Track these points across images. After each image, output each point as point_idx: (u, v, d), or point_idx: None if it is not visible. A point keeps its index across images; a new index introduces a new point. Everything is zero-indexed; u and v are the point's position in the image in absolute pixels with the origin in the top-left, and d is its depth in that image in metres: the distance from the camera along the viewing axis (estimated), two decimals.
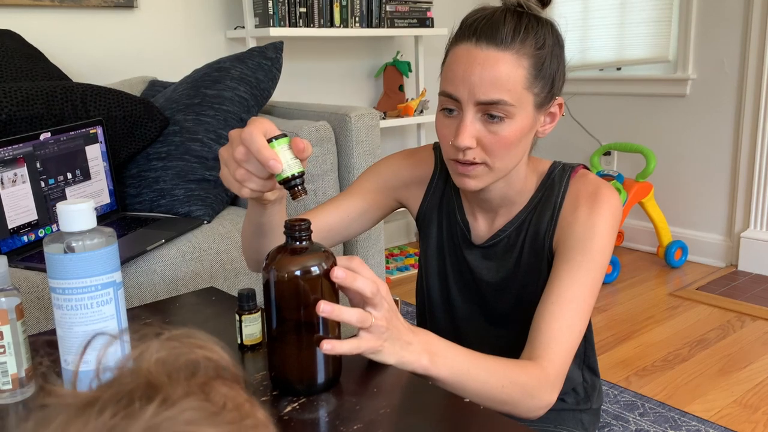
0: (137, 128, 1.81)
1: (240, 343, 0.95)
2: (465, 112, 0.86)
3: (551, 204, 0.96)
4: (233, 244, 1.68)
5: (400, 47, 3.15)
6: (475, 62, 0.84)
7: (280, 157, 0.75)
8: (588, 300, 0.89)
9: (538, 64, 0.86)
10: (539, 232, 0.96)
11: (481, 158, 0.88)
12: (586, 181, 0.95)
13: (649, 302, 2.54)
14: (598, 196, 0.92)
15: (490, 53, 0.84)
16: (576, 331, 0.88)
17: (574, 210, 0.93)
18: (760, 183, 2.74)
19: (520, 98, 0.85)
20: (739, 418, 1.75)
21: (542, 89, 0.88)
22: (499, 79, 0.83)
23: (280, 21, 2.50)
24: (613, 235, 0.92)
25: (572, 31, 3.24)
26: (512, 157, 0.90)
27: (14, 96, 1.58)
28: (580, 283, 0.88)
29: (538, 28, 0.86)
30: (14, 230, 1.49)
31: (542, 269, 0.97)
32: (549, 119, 0.93)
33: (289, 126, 1.88)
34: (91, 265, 0.73)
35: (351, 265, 0.74)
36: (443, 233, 1.06)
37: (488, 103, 0.84)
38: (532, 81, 0.86)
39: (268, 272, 0.76)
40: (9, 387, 0.82)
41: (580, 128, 3.18)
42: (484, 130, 0.86)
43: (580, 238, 0.90)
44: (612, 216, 0.91)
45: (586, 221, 0.91)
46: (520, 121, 0.86)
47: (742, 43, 2.73)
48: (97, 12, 2.29)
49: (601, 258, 0.90)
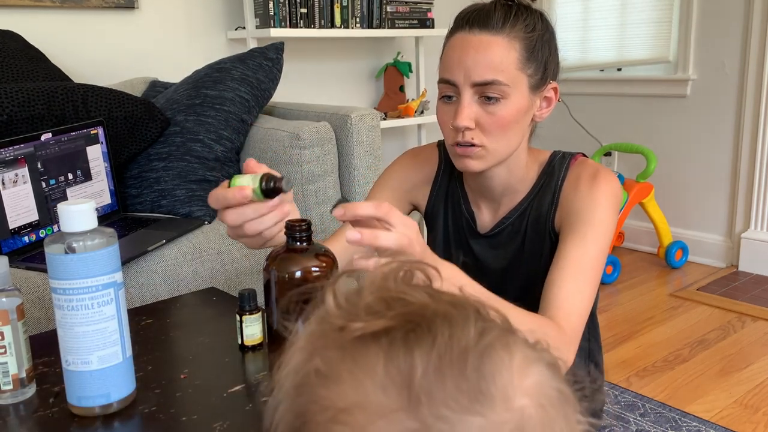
0: (138, 129, 1.81)
1: (241, 343, 0.95)
2: (462, 94, 0.90)
3: (552, 188, 0.98)
4: (234, 244, 1.68)
5: (400, 48, 3.15)
6: (469, 47, 0.89)
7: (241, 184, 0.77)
8: (595, 267, 0.90)
9: (530, 46, 0.90)
10: (541, 214, 0.98)
11: (479, 140, 0.91)
12: (586, 165, 0.98)
13: (650, 303, 2.54)
14: (598, 176, 0.94)
15: (483, 38, 0.88)
16: (586, 295, 0.88)
17: (574, 189, 0.96)
18: (760, 183, 2.74)
19: (514, 79, 0.89)
20: (740, 418, 1.75)
21: (535, 71, 0.91)
22: (493, 60, 0.88)
23: (280, 22, 2.50)
24: (614, 212, 0.94)
25: (572, 32, 3.24)
26: (510, 139, 0.92)
27: (15, 96, 1.58)
28: (586, 250, 0.90)
29: (527, 14, 0.91)
30: (15, 231, 1.49)
31: (545, 252, 0.98)
32: (545, 104, 0.97)
33: (289, 126, 1.88)
34: (92, 266, 0.74)
35: (379, 213, 0.69)
36: (449, 225, 1.09)
37: (484, 84, 0.88)
38: (525, 62, 0.90)
39: (268, 272, 0.76)
40: (10, 387, 0.82)
41: (580, 129, 3.18)
42: (481, 111, 0.90)
43: (583, 211, 0.92)
44: (612, 193, 0.93)
45: (587, 196, 0.93)
46: (515, 101, 0.90)
47: (743, 43, 2.73)
48: (98, 13, 2.30)
49: (604, 229, 0.91)
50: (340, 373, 0.32)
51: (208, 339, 1.01)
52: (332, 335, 0.34)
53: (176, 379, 0.88)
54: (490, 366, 0.32)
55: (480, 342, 0.32)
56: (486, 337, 0.33)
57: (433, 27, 2.97)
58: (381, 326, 0.33)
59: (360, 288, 0.36)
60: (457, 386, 0.31)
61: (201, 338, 1.01)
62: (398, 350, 0.32)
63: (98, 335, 0.75)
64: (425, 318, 0.33)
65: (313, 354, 0.34)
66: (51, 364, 0.93)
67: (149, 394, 0.84)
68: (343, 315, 0.35)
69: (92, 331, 0.75)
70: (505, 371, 0.32)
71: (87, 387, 0.76)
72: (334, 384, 0.32)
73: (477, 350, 0.32)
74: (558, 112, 3.19)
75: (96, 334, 0.75)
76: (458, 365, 0.31)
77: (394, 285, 0.36)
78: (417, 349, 0.32)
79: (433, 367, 0.31)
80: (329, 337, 0.34)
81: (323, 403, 0.32)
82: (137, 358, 0.91)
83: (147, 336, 1.02)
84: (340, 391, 0.32)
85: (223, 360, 0.93)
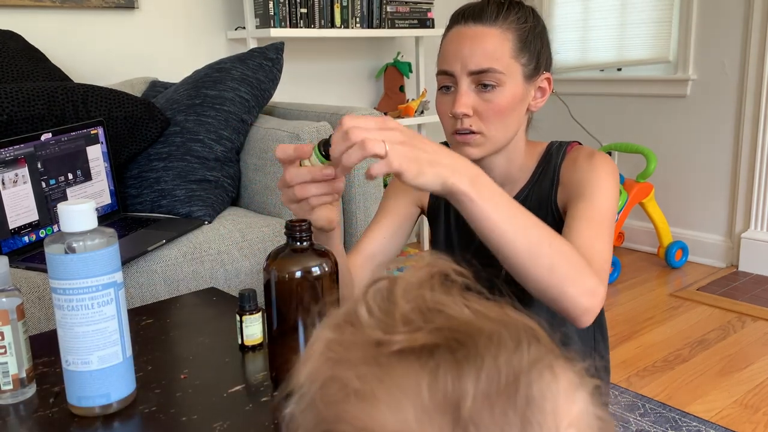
0: (138, 129, 1.81)
1: (241, 343, 0.95)
2: (460, 83, 0.94)
3: (550, 172, 1.02)
4: (234, 244, 1.68)
5: (400, 48, 3.15)
6: (465, 38, 0.94)
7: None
8: (607, 219, 0.91)
9: (522, 37, 0.94)
10: (542, 197, 1.01)
11: (477, 127, 0.94)
12: (582, 149, 1.02)
13: (650, 303, 2.54)
14: (594, 154, 0.98)
15: (478, 29, 0.93)
16: (604, 241, 0.88)
17: (572, 166, 0.99)
18: (760, 183, 2.74)
19: (508, 67, 0.93)
20: (740, 418, 1.75)
21: (529, 61, 0.95)
22: (488, 50, 0.92)
23: (280, 22, 2.50)
24: (615, 183, 0.95)
25: (572, 32, 3.24)
26: (507, 126, 0.96)
27: (15, 96, 1.58)
28: (595, 207, 0.91)
29: (519, 8, 0.96)
30: (15, 231, 1.49)
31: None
32: (540, 94, 1.00)
33: (289, 126, 1.88)
34: (92, 266, 0.74)
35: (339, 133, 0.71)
36: (451, 220, 1.11)
37: (479, 72, 0.92)
38: (518, 52, 0.94)
39: (268, 273, 0.76)
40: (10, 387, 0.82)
41: (580, 129, 3.18)
42: (478, 99, 0.94)
43: (585, 180, 0.95)
44: (610, 167, 0.96)
45: (587, 168, 0.96)
46: (510, 89, 0.94)
47: (743, 43, 2.73)
48: (98, 13, 2.30)
49: (608, 193, 0.93)
50: (377, 393, 0.30)
51: (208, 339, 1.01)
52: (367, 349, 0.31)
53: (176, 379, 0.88)
54: (539, 393, 0.30)
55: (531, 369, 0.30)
56: (537, 363, 0.30)
57: (433, 27, 2.97)
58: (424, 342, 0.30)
59: (392, 295, 0.33)
60: (504, 415, 0.29)
61: (201, 338, 1.01)
62: (446, 373, 0.29)
63: (98, 335, 0.75)
64: (471, 337, 0.31)
65: (342, 365, 0.31)
66: (51, 364, 0.93)
67: (149, 394, 0.84)
68: (378, 326, 0.32)
69: (92, 331, 0.75)
70: (552, 399, 0.30)
71: (87, 387, 0.76)
72: (369, 405, 0.30)
73: (528, 377, 0.30)
74: (558, 112, 3.20)
75: (96, 334, 0.75)
76: (508, 393, 0.29)
77: (431, 295, 0.33)
78: (467, 373, 0.29)
79: (482, 394, 0.29)
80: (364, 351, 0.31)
81: (355, 423, 0.30)
82: (137, 358, 0.91)
83: (147, 336, 1.02)
84: (376, 414, 0.29)
85: (223, 360, 0.93)
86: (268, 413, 0.80)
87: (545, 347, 0.32)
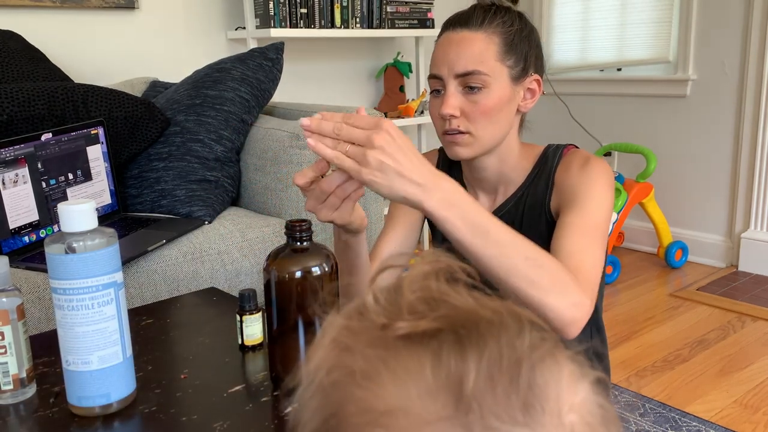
0: (138, 129, 1.81)
1: (241, 343, 0.95)
2: (447, 86, 0.97)
3: (545, 175, 1.02)
4: (234, 244, 1.68)
5: (400, 48, 3.15)
6: (452, 43, 0.97)
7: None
8: (599, 230, 0.91)
9: (508, 40, 0.97)
10: (537, 200, 1.02)
11: (465, 127, 0.97)
12: (578, 152, 1.02)
13: (650, 303, 2.54)
14: (590, 159, 0.99)
15: (464, 34, 0.97)
16: (595, 253, 0.88)
17: (567, 171, 0.99)
18: (760, 183, 2.74)
19: (493, 69, 0.96)
20: (740, 418, 1.75)
21: (515, 63, 0.98)
22: (473, 53, 0.95)
23: (280, 22, 2.50)
24: (610, 189, 0.96)
25: (572, 32, 3.24)
26: (494, 127, 0.98)
27: (16, 97, 1.58)
28: (588, 217, 0.91)
29: (505, 13, 0.99)
30: (15, 231, 1.49)
31: (543, 236, 0.99)
32: (529, 95, 1.02)
33: (289, 126, 1.88)
34: (92, 266, 0.74)
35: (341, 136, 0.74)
36: None
37: (465, 74, 0.95)
38: (504, 55, 0.97)
39: (268, 273, 0.76)
40: (10, 387, 0.82)
41: (580, 129, 3.18)
42: (465, 101, 0.96)
43: (578, 187, 0.95)
44: (605, 172, 0.96)
45: (581, 174, 0.96)
46: (497, 90, 0.96)
47: (743, 43, 2.73)
48: (98, 13, 2.30)
49: (602, 202, 0.93)
50: (382, 374, 0.30)
51: (208, 339, 1.01)
52: (373, 332, 0.32)
53: (176, 379, 0.88)
54: (541, 379, 0.30)
55: (533, 353, 0.31)
56: (539, 348, 0.31)
57: (433, 27, 2.97)
58: (427, 327, 0.31)
59: (398, 286, 0.34)
60: (507, 397, 0.29)
61: (201, 338, 1.01)
62: (449, 354, 0.30)
63: (98, 335, 0.75)
64: (474, 323, 0.31)
65: (350, 350, 0.32)
66: (51, 364, 0.93)
67: (149, 394, 0.84)
68: (384, 312, 0.33)
69: (92, 331, 0.75)
70: (555, 386, 0.31)
71: (87, 387, 0.77)
72: (375, 385, 0.30)
73: (530, 361, 0.30)
74: (558, 112, 3.20)
75: (96, 334, 0.75)
76: (510, 375, 0.30)
77: (436, 285, 0.34)
78: (470, 353, 0.30)
79: (484, 375, 0.29)
80: (370, 335, 0.32)
81: (361, 404, 0.30)
82: (137, 358, 0.92)
83: (147, 336, 1.02)
84: (381, 394, 0.30)
85: (223, 360, 0.93)
86: (268, 413, 0.80)
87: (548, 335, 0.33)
